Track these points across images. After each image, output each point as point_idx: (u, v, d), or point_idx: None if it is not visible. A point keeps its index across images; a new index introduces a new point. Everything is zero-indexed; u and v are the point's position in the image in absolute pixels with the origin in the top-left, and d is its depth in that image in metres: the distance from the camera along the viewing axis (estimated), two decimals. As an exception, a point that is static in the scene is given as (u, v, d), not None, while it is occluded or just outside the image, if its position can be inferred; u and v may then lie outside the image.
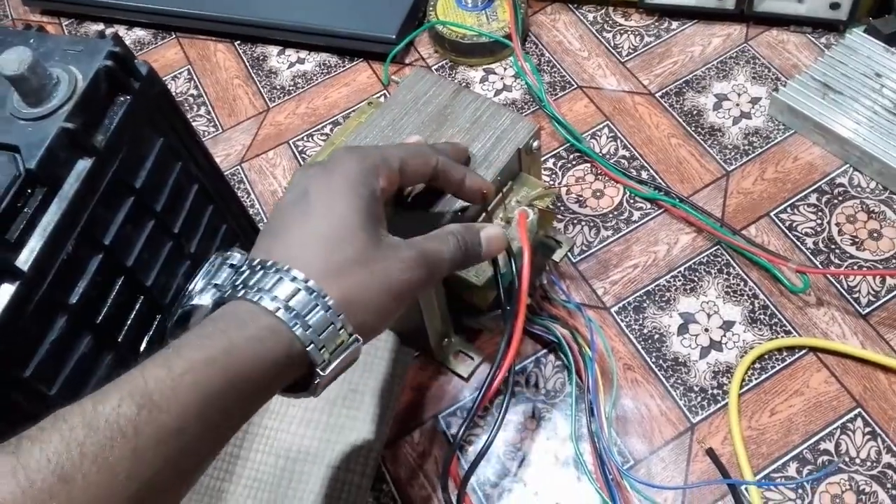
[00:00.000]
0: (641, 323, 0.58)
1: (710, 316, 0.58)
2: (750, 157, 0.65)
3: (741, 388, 0.54)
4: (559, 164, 0.67)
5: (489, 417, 0.56)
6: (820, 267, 0.59)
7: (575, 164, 0.67)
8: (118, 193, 0.46)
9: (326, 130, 0.73)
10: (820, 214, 0.61)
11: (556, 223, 0.63)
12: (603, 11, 0.76)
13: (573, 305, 0.58)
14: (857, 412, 0.53)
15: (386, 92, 0.74)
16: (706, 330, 0.57)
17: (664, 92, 0.70)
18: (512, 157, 0.51)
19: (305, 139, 0.72)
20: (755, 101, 0.68)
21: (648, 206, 0.64)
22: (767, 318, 0.57)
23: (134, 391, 0.31)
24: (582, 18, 0.76)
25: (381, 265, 0.38)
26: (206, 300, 0.38)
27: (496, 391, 0.45)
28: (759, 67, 0.70)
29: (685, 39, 0.73)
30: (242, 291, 0.36)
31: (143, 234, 0.48)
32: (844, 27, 0.70)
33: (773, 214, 0.62)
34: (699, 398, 0.54)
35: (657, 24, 0.75)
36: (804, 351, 0.55)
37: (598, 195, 0.65)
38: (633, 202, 0.64)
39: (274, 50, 0.79)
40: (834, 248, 0.59)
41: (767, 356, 0.55)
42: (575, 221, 0.63)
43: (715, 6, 0.71)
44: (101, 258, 0.45)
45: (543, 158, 0.67)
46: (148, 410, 0.31)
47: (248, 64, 0.79)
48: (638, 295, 0.59)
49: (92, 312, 0.46)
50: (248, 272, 0.37)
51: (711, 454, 0.51)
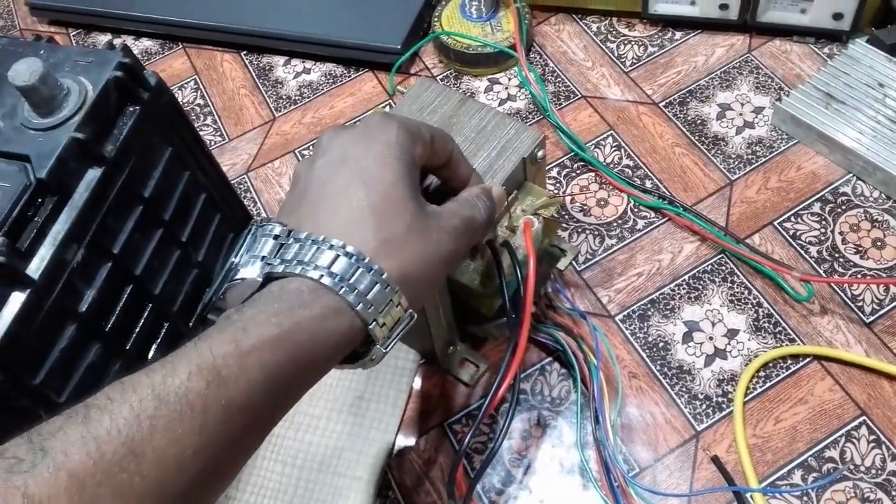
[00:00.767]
0: (646, 331, 0.58)
1: (714, 324, 0.58)
2: (753, 166, 0.65)
3: (746, 396, 0.54)
4: (563, 173, 0.67)
5: (494, 425, 0.56)
6: (824, 276, 0.59)
7: (579, 173, 0.67)
8: (127, 202, 0.46)
9: (332, 140, 0.73)
10: (823, 223, 0.61)
11: (560, 232, 0.63)
12: (607, 22, 0.77)
13: (578, 314, 0.58)
14: (861, 420, 0.53)
15: (391, 101, 0.75)
16: (711, 338, 0.57)
17: (668, 101, 0.70)
18: (517, 166, 0.52)
19: (311, 149, 0.73)
20: (758, 110, 0.69)
21: (652, 214, 0.64)
22: (772, 326, 0.57)
23: (203, 365, 0.31)
24: (586, 29, 0.77)
25: (431, 235, 0.38)
26: (254, 273, 0.36)
27: (501, 399, 0.46)
28: (762, 77, 0.71)
29: (688, 49, 0.73)
30: (299, 267, 0.35)
31: (151, 242, 0.49)
32: (847, 37, 0.70)
33: (776, 223, 0.62)
34: (704, 406, 0.55)
35: (661, 34, 0.75)
36: (808, 359, 0.56)
37: (602, 204, 0.65)
38: (637, 211, 0.64)
39: (280, 60, 0.80)
40: (838, 256, 0.60)
41: (772, 364, 0.56)
42: (579, 230, 0.64)
43: (718, 16, 0.72)
44: (110, 266, 0.45)
45: (548, 167, 0.67)
46: (216, 386, 0.31)
47: (254, 74, 0.79)
48: (642, 303, 0.59)
49: (101, 320, 0.46)
50: (297, 246, 0.36)
51: (717, 461, 0.52)
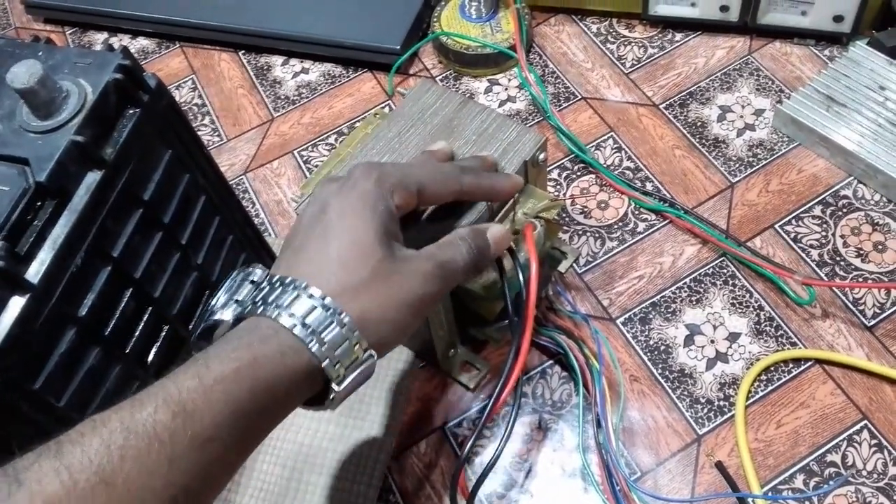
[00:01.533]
0: (647, 334, 0.58)
1: (715, 327, 0.58)
2: (754, 168, 0.65)
3: (747, 399, 0.54)
4: (564, 175, 0.67)
5: (496, 428, 0.56)
6: (825, 279, 0.59)
7: (580, 175, 0.67)
8: (127, 205, 0.46)
9: (331, 140, 0.73)
10: (825, 226, 0.61)
11: (561, 234, 0.63)
12: (607, 23, 0.77)
13: (579, 317, 0.58)
14: (863, 424, 0.53)
15: (390, 102, 0.74)
16: (712, 341, 0.57)
17: (668, 103, 0.70)
18: (518, 169, 0.51)
19: (310, 149, 0.72)
20: (759, 112, 0.68)
21: (653, 217, 0.64)
22: (773, 329, 0.57)
23: (168, 399, 0.33)
24: (586, 30, 0.77)
25: (397, 281, 0.39)
26: (227, 315, 0.39)
27: (504, 403, 0.46)
28: (762, 79, 0.70)
29: (689, 51, 0.73)
30: (262, 308, 0.37)
31: (150, 245, 0.48)
32: (848, 40, 0.70)
33: (777, 226, 0.62)
34: (706, 410, 0.54)
35: (661, 35, 0.75)
36: (810, 363, 0.56)
37: (602, 206, 0.65)
38: (638, 213, 0.64)
39: (278, 60, 0.80)
40: (839, 260, 0.60)
41: (773, 368, 0.55)
42: (580, 232, 0.63)
43: (718, 18, 0.72)
44: (109, 270, 0.45)
45: (548, 169, 0.67)
46: (182, 419, 0.32)
47: (252, 74, 0.79)
48: (643, 306, 0.59)
49: (100, 325, 0.45)
50: (267, 288, 0.38)
51: (721, 468, 0.51)
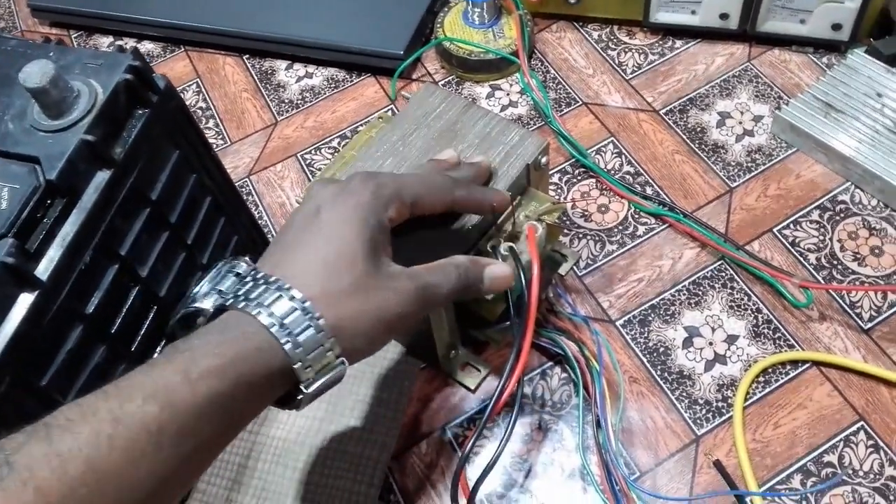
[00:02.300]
0: (647, 336, 0.59)
1: (714, 330, 0.58)
2: (753, 173, 0.66)
3: (745, 401, 0.55)
4: (564, 178, 0.68)
5: (496, 429, 0.56)
6: (822, 282, 0.59)
7: (580, 179, 0.68)
8: (135, 205, 0.46)
9: (334, 144, 0.73)
10: (822, 231, 0.62)
11: (561, 237, 0.64)
12: (608, 30, 0.78)
13: (579, 318, 0.59)
14: (859, 425, 0.53)
15: (393, 107, 0.75)
16: (711, 343, 0.58)
17: (668, 109, 0.71)
18: (521, 172, 0.52)
19: (313, 152, 0.73)
20: (758, 119, 0.69)
21: (653, 221, 0.64)
22: (771, 332, 0.58)
23: (156, 392, 0.33)
24: (587, 37, 0.77)
25: (376, 295, 0.40)
26: (208, 304, 0.39)
27: (504, 403, 0.46)
28: (761, 86, 0.71)
29: (689, 58, 0.74)
30: (244, 303, 0.38)
31: (157, 244, 0.49)
32: (846, 48, 0.71)
33: (776, 230, 0.62)
34: (704, 411, 0.55)
35: (661, 42, 0.76)
36: (807, 365, 0.56)
37: (603, 210, 0.65)
38: (637, 217, 0.65)
39: (282, 64, 0.80)
40: (836, 263, 0.60)
41: (771, 370, 0.56)
42: (580, 235, 0.64)
43: (718, 26, 0.73)
44: (116, 268, 0.46)
45: (550, 173, 0.68)
46: (169, 412, 0.33)
47: (256, 78, 0.80)
48: (643, 309, 0.60)
49: (107, 322, 0.46)
50: (251, 283, 0.39)
51: (719, 466, 0.52)
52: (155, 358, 0.36)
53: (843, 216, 0.63)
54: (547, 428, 0.56)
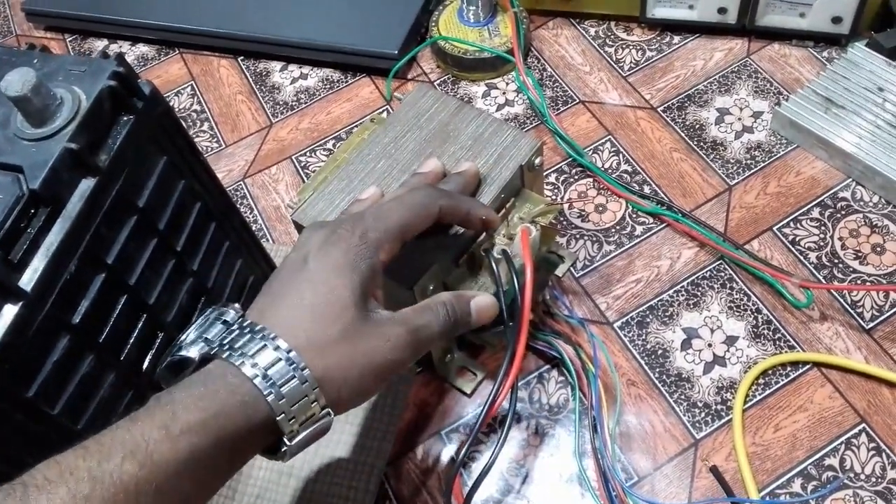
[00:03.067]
0: (644, 338, 0.58)
1: (713, 331, 0.57)
2: (752, 171, 0.65)
3: (745, 403, 0.54)
4: (561, 178, 0.67)
5: (492, 433, 0.55)
6: (823, 282, 0.59)
7: (577, 178, 0.67)
8: (121, 212, 0.46)
9: (329, 146, 0.73)
10: (823, 229, 0.61)
11: (558, 238, 0.63)
12: (605, 26, 0.77)
13: (576, 321, 0.58)
14: (861, 427, 0.52)
15: (388, 107, 0.74)
16: (709, 345, 0.57)
17: (666, 106, 0.70)
18: (514, 174, 0.51)
19: (308, 154, 0.72)
20: (757, 115, 0.68)
21: (651, 220, 0.64)
22: (771, 333, 0.57)
23: (136, 450, 0.33)
24: (584, 33, 0.77)
25: (365, 343, 0.39)
26: (194, 353, 0.39)
27: (499, 408, 0.45)
28: (761, 82, 0.70)
29: (687, 54, 0.73)
30: (227, 353, 0.37)
31: (145, 252, 0.48)
32: (846, 41, 0.70)
33: (775, 229, 0.62)
34: (703, 414, 0.54)
35: (659, 38, 0.75)
36: (808, 366, 0.55)
37: (600, 210, 0.65)
38: (635, 217, 0.64)
39: (277, 66, 0.80)
40: (837, 262, 0.59)
41: (771, 371, 0.55)
42: (577, 236, 0.63)
43: (717, 20, 0.72)
44: (103, 277, 0.45)
45: (546, 173, 0.67)
46: (149, 469, 0.33)
47: (251, 80, 0.79)
48: (641, 310, 0.59)
49: (94, 332, 0.46)
50: (237, 332, 0.38)
51: (715, 472, 0.51)
52: (137, 412, 0.35)
53: (844, 213, 0.62)
54: (543, 433, 0.55)
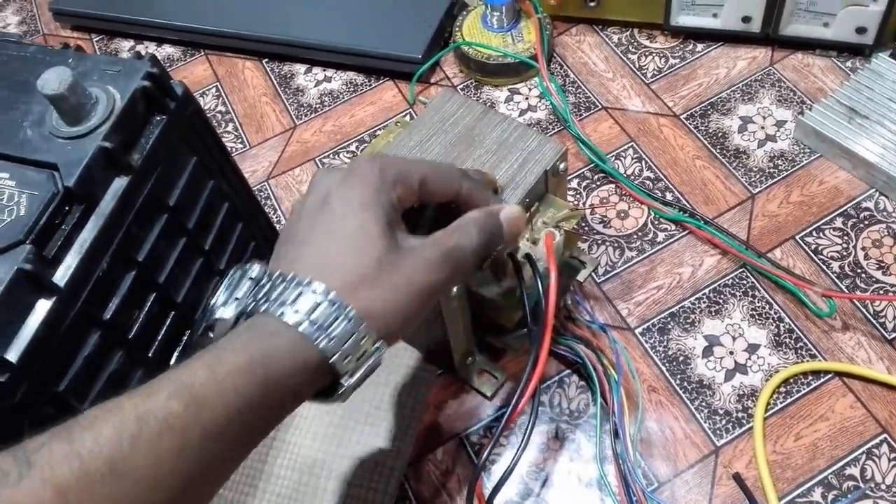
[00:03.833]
0: (666, 345, 0.58)
1: (735, 339, 0.58)
2: (775, 179, 0.65)
3: (766, 411, 0.54)
4: (583, 184, 0.67)
5: (512, 437, 0.56)
6: (846, 291, 0.59)
7: (599, 184, 0.67)
8: (152, 211, 0.47)
9: (352, 148, 0.73)
10: (846, 238, 0.61)
11: (580, 243, 0.63)
12: (628, 33, 0.77)
13: (597, 326, 0.58)
14: (882, 438, 0.52)
15: (412, 111, 0.75)
16: (731, 353, 0.57)
17: (689, 114, 0.70)
18: (539, 178, 0.52)
19: (331, 156, 0.73)
20: (780, 124, 0.68)
21: (673, 227, 0.64)
22: (793, 341, 0.57)
23: (181, 390, 0.32)
24: (607, 40, 0.77)
25: (402, 271, 0.38)
26: (228, 313, 0.38)
27: (521, 411, 0.46)
28: (784, 91, 0.70)
29: (710, 62, 0.73)
30: (265, 305, 0.37)
31: (175, 250, 0.49)
32: (870, 51, 0.70)
33: (798, 238, 0.62)
34: (724, 421, 0.54)
35: (682, 46, 0.75)
36: (830, 375, 0.55)
37: (622, 216, 0.65)
38: (657, 223, 0.64)
39: (301, 68, 0.80)
40: (860, 272, 0.59)
41: (793, 380, 0.55)
42: (599, 242, 0.64)
43: (740, 29, 0.72)
44: (134, 274, 0.46)
45: (568, 179, 0.67)
46: (194, 409, 0.32)
47: (275, 82, 0.80)
48: (662, 316, 0.59)
49: (124, 328, 0.46)
50: (269, 285, 0.38)
51: (738, 479, 0.51)
52: (185, 360, 0.35)
53: (867, 224, 0.61)
54: (564, 437, 0.55)
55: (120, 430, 0.31)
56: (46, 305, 0.40)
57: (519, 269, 0.48)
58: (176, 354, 0.50)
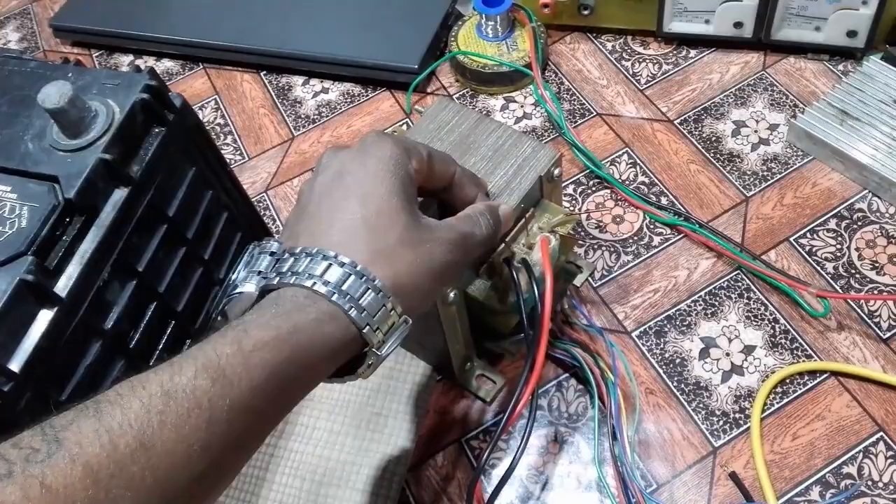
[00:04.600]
0: (663, 347, 0.58)
1: (731, 340, 0.58)
2: (769, 182, 0.66)
3: (763, 412, 0.54)
4: (579, 190, 0.68)
5: (511, 441, 0.56)
6: (840, 292, 0.59)
7: (595, 190, 0.68)
8: (152, 222, 0.47)
9: (350, 158, 0.74)
10: (839, 239, 0.61)
11: (576, 248, 0.64)
12: (622, 40, 0.78)
13: (594, 330, 0.59)
14: (879, 436, 0.53)
15: (408, 120, 0.76)
16: (727, 354, 0.57)
17: (683, 119, 0.71)
18: (534, 184, 0.52)
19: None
20: (773, 127, 0.69)
21: (668, 231, 0.64)
22: (788, 342, 0.57)
23: (208, 365, 0.32)
24: (601, 47, 0.78)
25: (423, 247, 0.39)
26: (251, 287, 0.38)
27: (519, 415, 0.46)
28: (776, 94, 0.71)
29: (703, 67, 0.74)
30: (293, 278, 0.36)
31: (174, 260, 0.50)
32: (861, 55, 0.71)
33: (792, 239, 0.62)
34: (721, 422, 0.55)
35: (675, 52, 0.76)
36: (825, 375, 0.56)
37: (618, 221, 0.65)
38: (653, 227, 0.65)
39: (299, 80, 0.81)
40: (854, 272, 0.60)
41: (789, 380, 0.56)
42: (595, 246, 0.64)
43: (732, 34, 0.73)
44: (134, 284, 0.46)
45: (564, 185, 0.68)
46: (221, 385, 0.32)
47: (273, 94, 0.81)
48: (659, 319, 0.60)
49: (125, 338, 0.47)
50: (292, 259, 0.37)
51: (734, 478, 0.52)
52: (210, 335, 0.34)
53: (860, 225, 0.62)
54: (563, 440, 0.56)
55: (148, 406, 0.31)
56: (48, 316, 0.41)
57: (515, 274, 0.49)
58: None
